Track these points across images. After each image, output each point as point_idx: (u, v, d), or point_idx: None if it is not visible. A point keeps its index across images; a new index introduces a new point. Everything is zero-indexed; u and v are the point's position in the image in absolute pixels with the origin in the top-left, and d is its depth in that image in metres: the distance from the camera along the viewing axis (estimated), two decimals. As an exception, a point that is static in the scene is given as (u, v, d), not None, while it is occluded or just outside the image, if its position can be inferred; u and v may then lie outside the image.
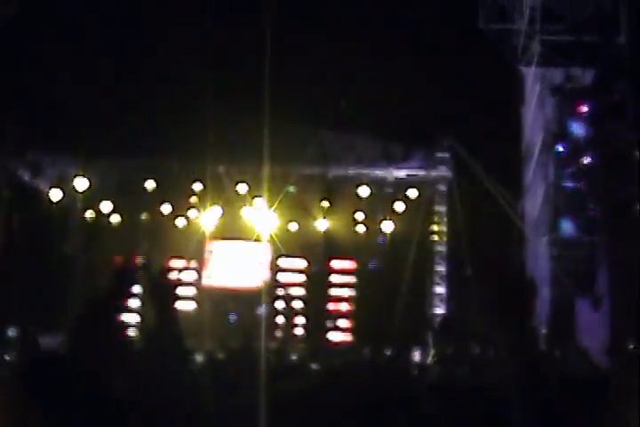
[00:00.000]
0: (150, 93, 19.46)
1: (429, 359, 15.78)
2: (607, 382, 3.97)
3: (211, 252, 25.66)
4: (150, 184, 21.64)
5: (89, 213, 23.55)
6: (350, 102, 19.30)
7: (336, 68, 19.70)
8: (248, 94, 19.14)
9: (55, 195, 21.93)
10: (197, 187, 22.18)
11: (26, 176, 21.64)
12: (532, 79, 18.46)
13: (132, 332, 5.08)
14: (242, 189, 21.94)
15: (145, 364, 3.99)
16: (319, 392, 4.22)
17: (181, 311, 22.74)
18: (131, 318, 5.47)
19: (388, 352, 14.83)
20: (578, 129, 18.19)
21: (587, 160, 18.02)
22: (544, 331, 16.35)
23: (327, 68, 19.45)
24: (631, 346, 13.25)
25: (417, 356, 19.46)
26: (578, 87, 18.27)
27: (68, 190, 22.08)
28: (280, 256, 25.66)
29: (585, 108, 18.17)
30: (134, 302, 5.39)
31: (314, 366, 10.75)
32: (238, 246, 25.73)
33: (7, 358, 11.81)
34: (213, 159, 20.66)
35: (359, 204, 22.60)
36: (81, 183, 21.31)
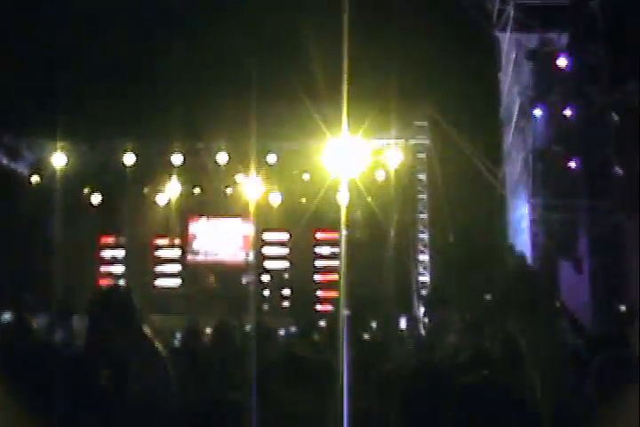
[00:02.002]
0: (128, 71, 19.34)
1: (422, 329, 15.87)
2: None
3: (194, 228, 25.72)
4: (129, 163, 21.54)
5: (69, 195, 23.48)
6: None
7: (312, 40, 19.60)
8: (227, 70, 19.09)
9: (34, 178, 21.87)
10: (178, 164, 22.11)
11: (3, 160, 21.53)
12: (508, 45, 18.45)
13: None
14: (223, 164, 21.89)
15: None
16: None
17: (167, 289, 22.87)
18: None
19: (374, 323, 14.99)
20: (555, 93, 18.23)
21: (564, 123, 18.09)
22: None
23: (303, 41, 19.35)
24: (622, 307, 13.42)
25: (403, 324, 19.64)
26: (553, 50, 18.27)
27: (47, 173, 22.01)
28: (263, 230, 25.74)
29: (561, 72, 18.20)
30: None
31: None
32: (221, 222, 25.79)
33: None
34: (193, 136, 20.63)
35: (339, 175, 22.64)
36: (60, 164, 21.22)
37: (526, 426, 2.67)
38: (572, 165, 17.76)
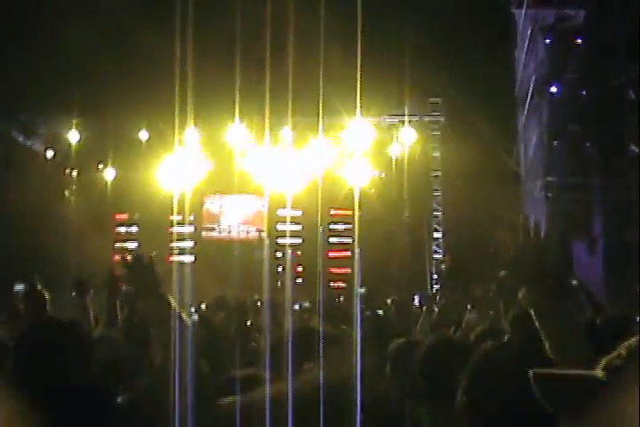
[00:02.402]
0: (141, 45, 19.31)
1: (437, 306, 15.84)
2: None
3: (209, 205, 25.78)
4: (144, 139, 21.53)
5: (84, 170, 23.57)
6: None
7: (327, 18, 19.52)
8: (247, 46, 19.04)
9: (49, 154, 21.94)
10: (194, 140, 22.07)
11: (19, 136, 21.58)
12: (524, 21, 18.30)
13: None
14: (241, 140, 21.82)
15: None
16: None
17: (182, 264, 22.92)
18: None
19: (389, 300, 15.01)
20: (571, 70, 18.10)
21: (581, 101, 17.97)
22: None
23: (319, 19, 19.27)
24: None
25: (416, 300, 19.69)
26: (569, 27, 18.11)
27: (62, 149, 22.07)
28: (278, 207, 25.75)
29: (578, 48, 18.06)
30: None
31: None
32: (235, 199, 25.83)
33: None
34: (210, 112, 20.59)
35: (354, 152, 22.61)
36: (75, 140, 21.27)
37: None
38: (588, 143, 17.69)
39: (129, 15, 18.46)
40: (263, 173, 23.20)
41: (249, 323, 8.23)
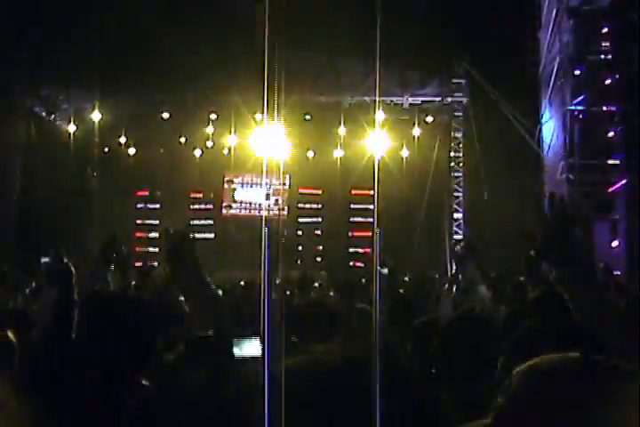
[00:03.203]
0: (162, 26, 19.33)
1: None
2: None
3: (229, 182, 25.86)
4: (166, 116, 21.57)
5: (106, 147, 23.71)
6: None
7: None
8: (261, 23, 18.99)
9: (72, 129, 22.07)
10: (213, 117, 22.10)
11: (42, 112, 21.71)
12: (549, 2, 18.17)
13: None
14: (258, 118, 21.79)
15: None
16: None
17: (202, 241, 22.98)
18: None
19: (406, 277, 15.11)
20: (596, 52, 17.98)
21: (606, 82, 17.86)
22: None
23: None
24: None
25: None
26: (595, 9, 17.96)
27: (85, 125, 22.18)
28: (298, 186, 25.84)
29: (603, 30, 17.92)
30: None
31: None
32: (255, 177, 25.89)
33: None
34: (228, 90, 20.60)
35: (376, 131, 22.60)
36: (97, 117, 21.36)
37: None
38: (610, 125, 17.61)
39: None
40: (282, 151, 23.23)
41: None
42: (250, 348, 2.87)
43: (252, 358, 2.71)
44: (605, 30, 17.80)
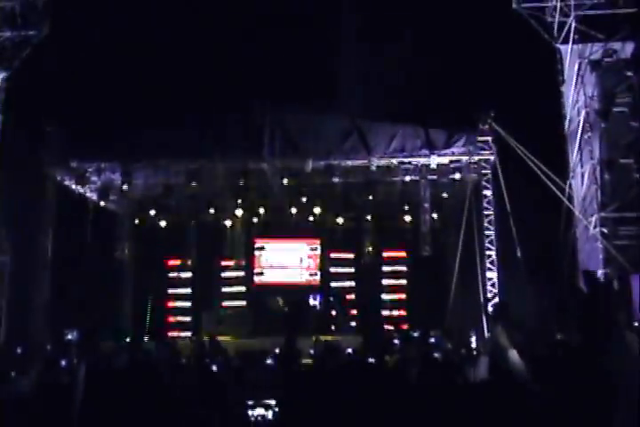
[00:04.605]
0: (188, 96, 19.61)
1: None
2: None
3: (259, 250, 25.83)
4: (194, 186, 21.64)
5: (136, 218, 23.84)
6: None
7: (373, 55, 19.69)
8: (286, 90, 19.21)
9: (102, 201, 22.24)
10: (242, 186, 22.13)
11: (72, 184, 21.88)
12: (571, 57, 18.16)
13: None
14: (287, 184, 21.77)
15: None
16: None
17: (234, 308, 22.96)
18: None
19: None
20: (621, 104, 17.87)
21: (632, 134, 17.71)
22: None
23: (364, 56, 19.47)
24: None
25: (473, 342, 19.39)
26: (618, 61, 17.93)
27: (114, 197, 22.34)
28: (329, 250, 25.76)
29: (627, 82, 17.85)
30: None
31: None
32: (286, 243, 25.86)
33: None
34: (255, 157, 20.67)
35: (404, 192, 22.52)
36: (127, 189, 21.51)
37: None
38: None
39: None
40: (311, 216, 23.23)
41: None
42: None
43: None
44: (629, 81, 17.73)
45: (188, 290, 26.18)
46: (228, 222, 23.98)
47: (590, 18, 17.83)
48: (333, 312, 24.73)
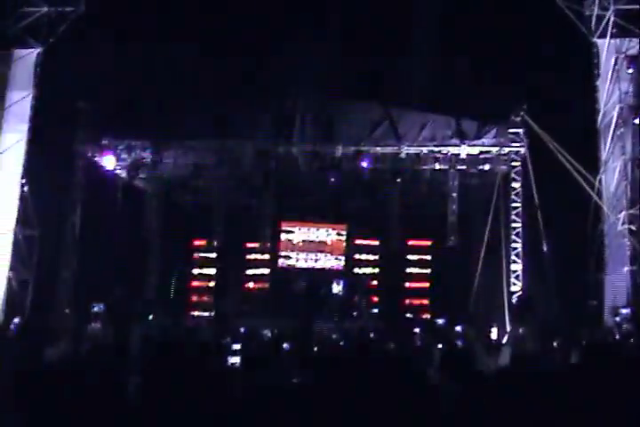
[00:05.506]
0: (222, 76, 19.66)
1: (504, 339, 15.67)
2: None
3: (286, 233, 25.90)
4: (224, 168, 21.73)
5: (165, 197, 23.96)
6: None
7: (407, 45, 19.65)
8: (318, 74, 19.23)
9: (131, 179, 22.38)
10: (271, 169, 22.17)
11: (102, 161, 22.04)
12: (607, 51, 18.02)
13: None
14: (315, 168, 21.78)
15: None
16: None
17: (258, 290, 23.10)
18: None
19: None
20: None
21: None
22: (627, 311, 16.14)
23: (398, 46, 19.43)
24: None
25: (494, 334, 19.37)
26: (655, 57, 17.80)
27: (144, 175, 22.50)
28: (355, 236, 25.80)
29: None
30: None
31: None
32: (312, 227, 25.91)
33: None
34: (286, 140, 20.75)
35: (433, 181, 22.47)
36: (155, 166, 21.66)
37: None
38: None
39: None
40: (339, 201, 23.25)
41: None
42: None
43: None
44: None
45: (213, 270, 26.34)
46: (255, 205, 24.05)
47: (629, 12, 17.67)
48: (356, 298, 24.80)
